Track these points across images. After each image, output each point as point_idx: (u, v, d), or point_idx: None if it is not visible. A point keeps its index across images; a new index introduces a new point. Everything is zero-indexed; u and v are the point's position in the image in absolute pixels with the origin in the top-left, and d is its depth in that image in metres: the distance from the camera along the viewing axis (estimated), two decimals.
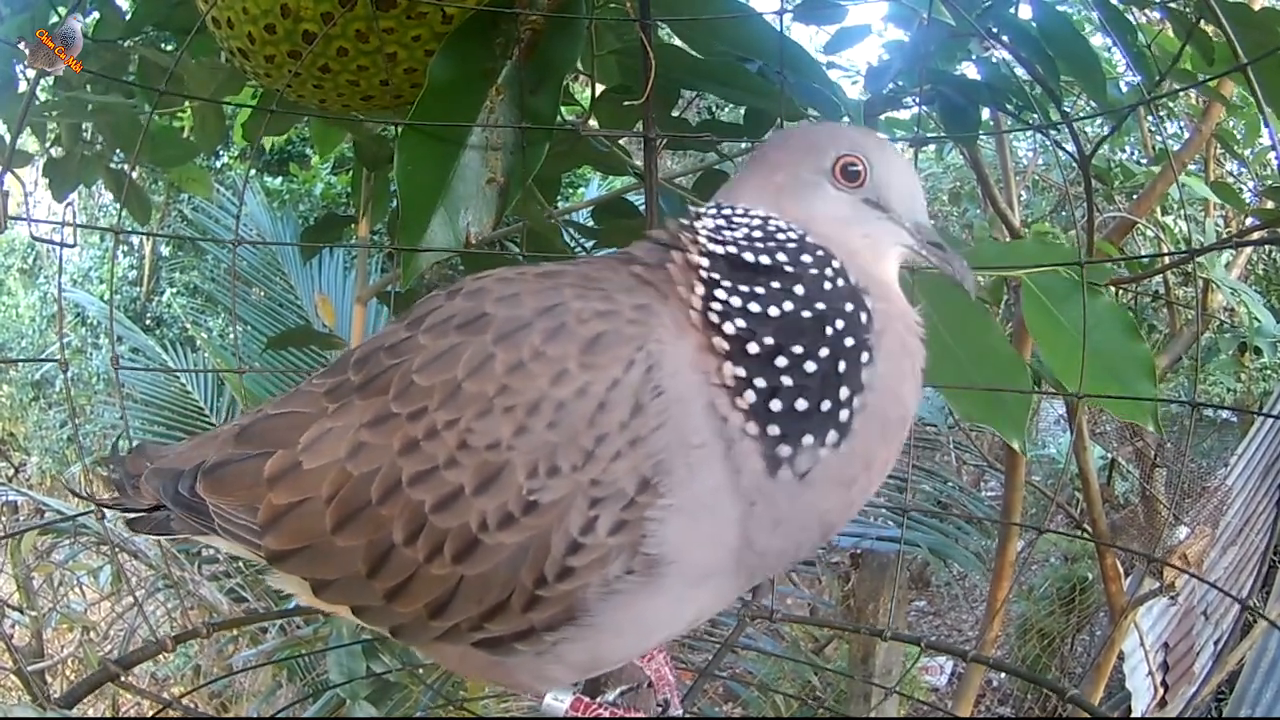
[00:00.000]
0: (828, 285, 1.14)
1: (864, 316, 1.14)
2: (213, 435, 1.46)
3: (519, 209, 2.24)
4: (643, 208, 2.15)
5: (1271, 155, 3.95)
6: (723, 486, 1.10)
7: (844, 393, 1.12)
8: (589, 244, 3.13)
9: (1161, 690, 5.15)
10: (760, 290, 1.14)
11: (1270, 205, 3.64)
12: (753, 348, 1.11)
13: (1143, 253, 3.91)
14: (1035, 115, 2.68)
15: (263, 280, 7.20)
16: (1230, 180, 5.39)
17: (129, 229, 3.36)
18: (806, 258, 1.16)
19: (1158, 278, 4.56)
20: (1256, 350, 4.42)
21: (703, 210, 1.25)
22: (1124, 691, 5.50)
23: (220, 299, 9.08)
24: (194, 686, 5.19)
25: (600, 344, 1.10)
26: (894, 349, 1.17)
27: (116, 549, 5.05)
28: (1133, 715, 5.47)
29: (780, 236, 1.18)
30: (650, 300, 1.16)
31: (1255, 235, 3.77)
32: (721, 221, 1.21)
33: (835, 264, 1.16)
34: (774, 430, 1.10)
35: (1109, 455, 6.90)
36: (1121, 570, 3.96)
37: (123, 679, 1.72)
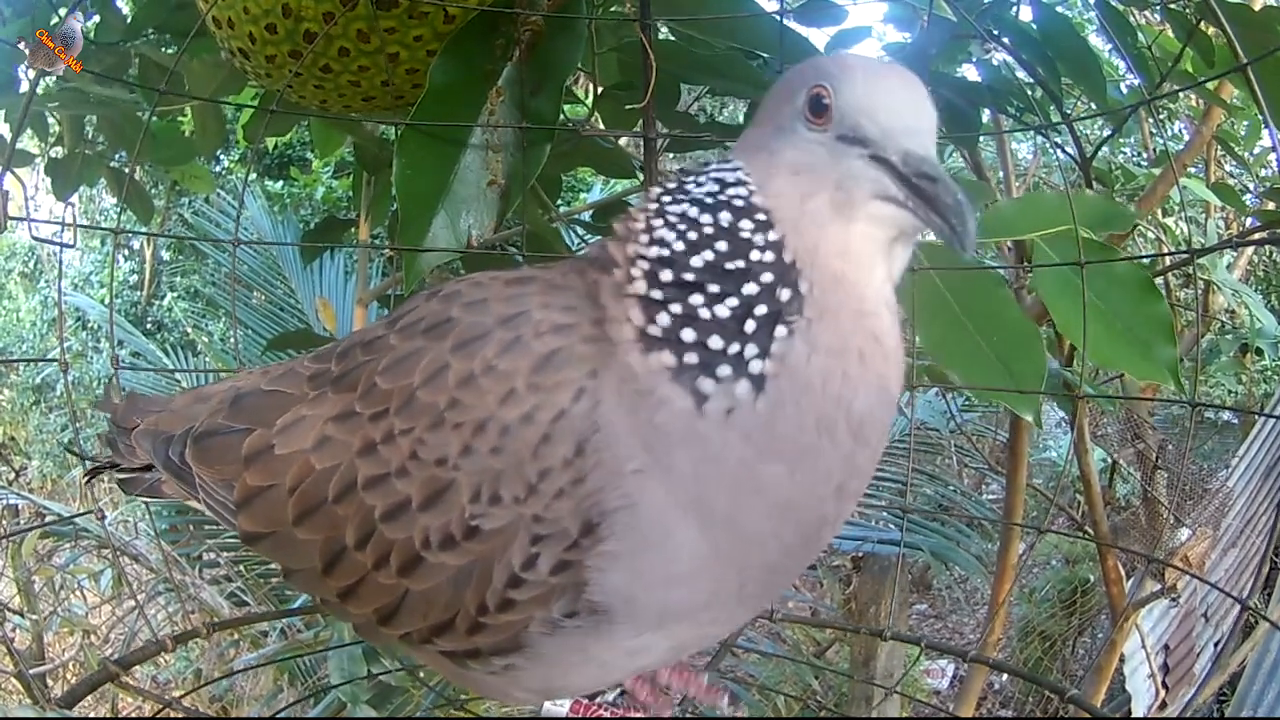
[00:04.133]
0: (755, 254, 1.04)
1: (786, 294, 1.03)
2: (210, 393, 1.46)
3: (518, 212, 2.24)
4: None
5: (1272, 156, 3.95)
6: (668, 502, 1.03)
7: (751, 349, 1.02)
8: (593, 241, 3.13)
9: (1162, 692, 5.15)
10: (692, 235, 1.06)
11: (1271, 206, 3.64)
12: (666, 275, 1.05)
13: (1143, 254, 3.90)
14: (1036, 117, 2.68)
15: (264, 284, 7.20)
16: (1231, 181, 5.39)
17: (129, 230, 3.36)
18: (744, 222, 1.06)
19: (1159, 279, 4.56)
20: (1258, 351, 4.43)
21: (661, 184, 1.16)
22: (1126, 694, 5.50)
23: (221, 303, 9.10)
24: (195, 688, 5.18)
25: (551, 364, 1.06)
26: (830, 344, 1.04)
27: (117, 552, 5.05)
28: (1133, 717, 5.47)
29: (730, 193, 1.08)
30: (603, 312, 1.09)
31: (1255, 236, 3.77)
32: (675, 188, 1.13)
33: (771, 235, 1.05)
34: (690, 358, 1.02)
35: (1110, 458, 6.89)
36: (1123, 572, 3.96)
37: (122, 679, 1.72)
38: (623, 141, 2.77)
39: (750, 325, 1.02)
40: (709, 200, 1.08)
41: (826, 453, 1.04)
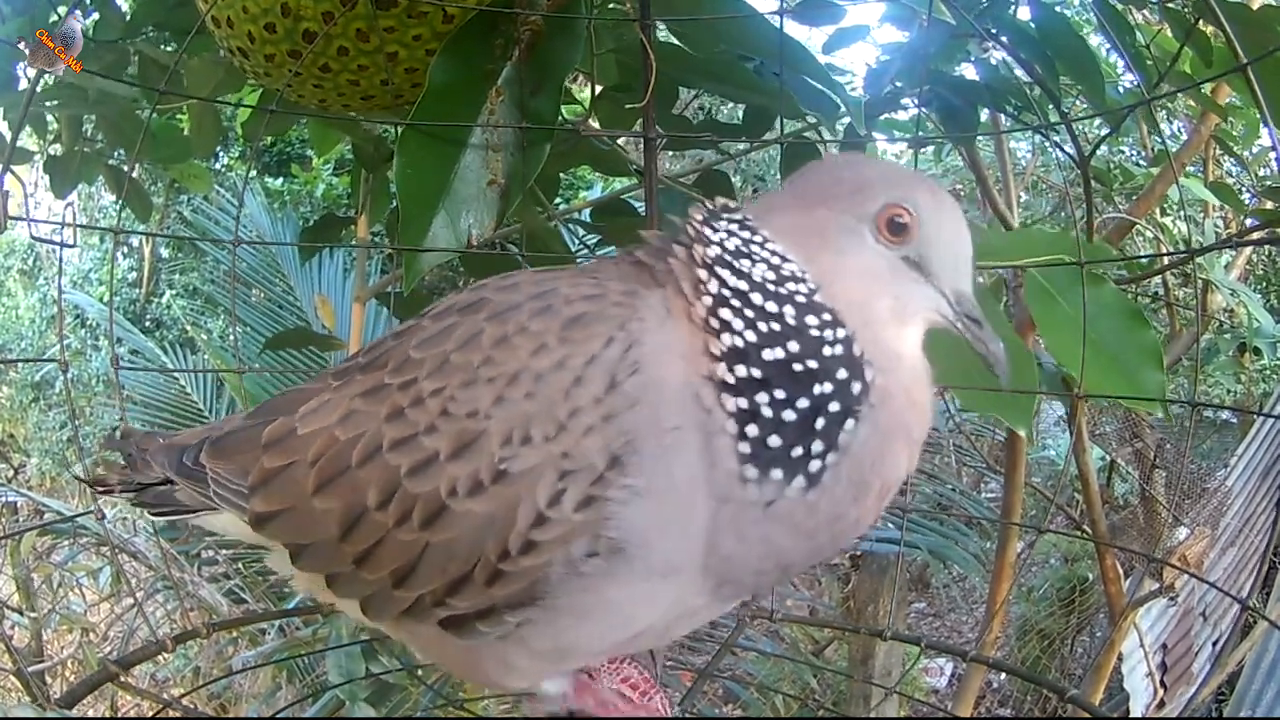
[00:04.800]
0: (826, 350, 1.08)
1: (857, 387, 1.09)
2: (226, 420, 1.49)
3: (518, 212, 2.24)
4: (643, 208, 2.15)
5: (1271, 155, 3.95)
6: (696, 475, 1.06)
7: (817, 447, 1.07)
8: (592, 241, 3.13)
9: (1160, 691, 5.16)
10: (762, 327, 1.09)
11: (1269, 205, 3.64)
12: (740, 370, 1.07)
13: (1142, 254, 3.91)
14: (1035, 117, 2.68)
15: (262, 282, 7.21)
16: (1230, 180, 5.39)
17: (128, 229, 3.35)
18: (810, 319, 1.10)
19: (1157, 279, 4.56)
20: (1256, 351, 4.42)
21: (721, 219, 1.18)
22: (1124, 693, 5.50)
23: (220, 301, 9.10)
24: (194, 687, 5.18)
25: (582, 321, 1.09)
26: (887, 424, 1.11)
27: (116, 550, 5.05)
28: (1131, 716, 5.47)
29: (790, 288, 1.11)
30: (640, 286, 1.14)
31: (1254, 236, 3.77)
32: (740, 243, 1.14)
33: (840, 332, 1.10)
34: (744, 449, 1.06)
35: (1108, 457, 6.90)
36: (1121, 571, 3.96)
37: (122, 679, 1.72)
38: (621, 141, 2.77)
39: (820, 422, 1.07)
40: (770, 288, 1.11)
41: (849, 516, 1.12)
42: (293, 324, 6.75)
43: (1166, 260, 3.50)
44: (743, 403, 1.06)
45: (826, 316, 1.10)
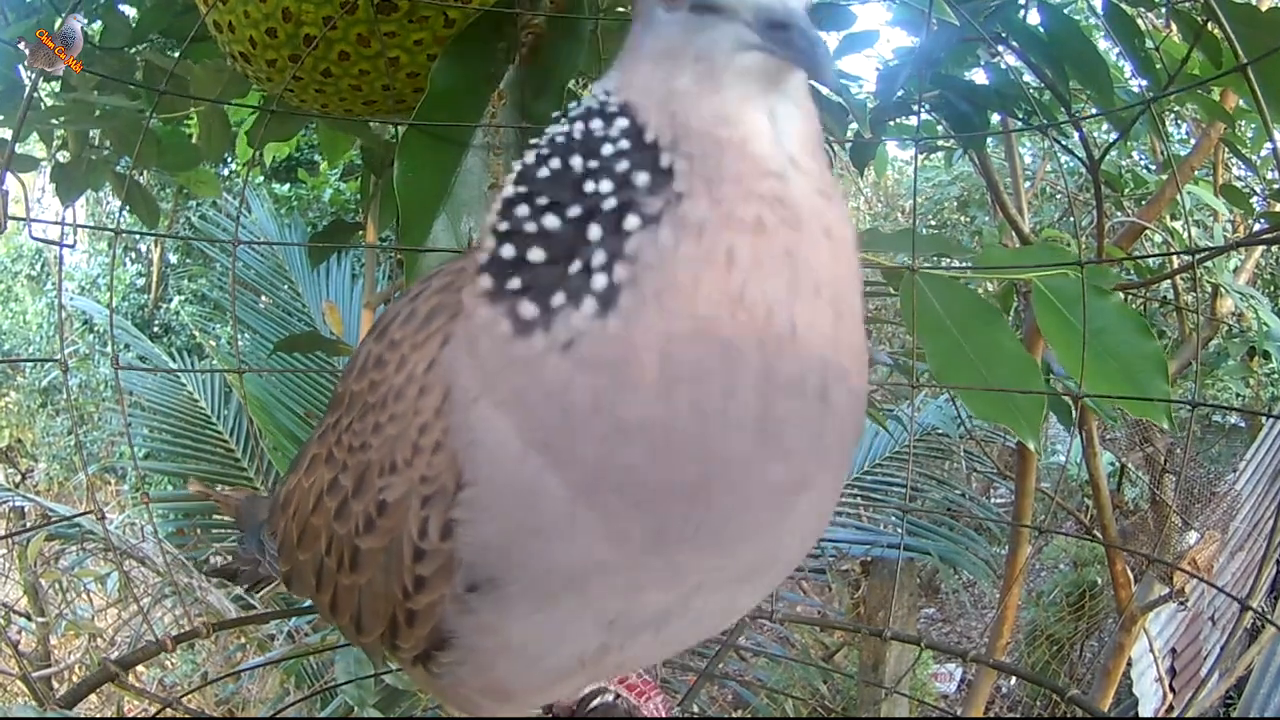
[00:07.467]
0: (607, 148, 0.90)
1: (644, 178, 0.88)
2: None
3: None
4: None
5: None
6: (508, 437, 0.90)
7: (599, 256, 0.87)
8: None
9: (1169, 695, 5.14)
10: (544, 150, 0.94)
11: (1278, 208, 3.62)
12: (508, 191, 0.94)
13: (1144, 254, 3.89)
14: (1044, 121, 2.68)
15: (270, 288, 7.19)
16: (1239, 184, 5.39)
17: (130, 230, 3.35)
18: (596, 122, 0.93)
19: (1166, 283, 4.55)
20: (1265, 355, 4.41)
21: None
22: (1133, 698, 5.49)
23: (229, 306, 9.10)
24: (197, 686, 5.18)
25: (430, 318, 1.01)
26: (708, 218, 0.86)
27: (122, 555, 5.05)
28: (1136, 717, 5.46)
29: (590, 104, 0.96)
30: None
31: (1256, 237, 3.76)
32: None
33: (622, 122, 0.91)
34: (514, 284, 0.89)
35: (1119, 461, 6.88)
36: (1131, 576, 3.95)
37: (121, 679, 1.71)
38: None
39: (595, 231, 0.88)
40: (574, 118, 0.96)
41: (723, 366, 0.86)
42: (301, 330, 6.73)
43: (1176, 263, 3.48)
44: (502, 225, 0.93)
45: (612, 109, 0.93)
